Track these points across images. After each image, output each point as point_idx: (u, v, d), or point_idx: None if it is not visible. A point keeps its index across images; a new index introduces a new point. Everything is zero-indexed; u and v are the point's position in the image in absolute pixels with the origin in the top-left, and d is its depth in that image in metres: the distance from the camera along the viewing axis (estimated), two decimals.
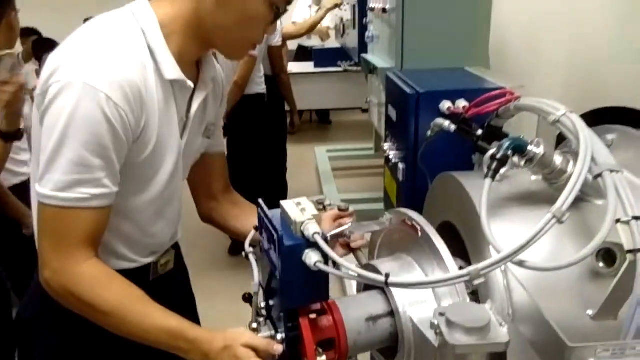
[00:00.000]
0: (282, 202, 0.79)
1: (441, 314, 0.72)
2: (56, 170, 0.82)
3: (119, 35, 0.87)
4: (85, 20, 1.04)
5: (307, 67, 5.44)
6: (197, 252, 2.99)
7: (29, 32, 5.35)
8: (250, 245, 0.91)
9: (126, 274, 0.92)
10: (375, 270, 0.86)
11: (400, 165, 1.24)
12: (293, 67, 5.19)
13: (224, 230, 1.17)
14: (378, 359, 0.92)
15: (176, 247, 1.14)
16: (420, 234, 0.85)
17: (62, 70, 0.82)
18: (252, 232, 0.92)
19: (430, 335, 0.73)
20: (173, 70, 0.90)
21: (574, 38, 1.72)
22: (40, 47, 4.55)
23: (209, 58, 1.03)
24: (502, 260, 0.64)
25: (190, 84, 0.93)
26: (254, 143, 3.05)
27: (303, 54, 5.94)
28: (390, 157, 1.31)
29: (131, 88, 0.84)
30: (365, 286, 0.91)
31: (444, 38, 1.84)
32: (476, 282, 0.65)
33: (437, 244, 0.82)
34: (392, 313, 0.82)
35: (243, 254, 0.91)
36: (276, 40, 3.05)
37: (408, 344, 0.80)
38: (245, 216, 1.09)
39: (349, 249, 1.01)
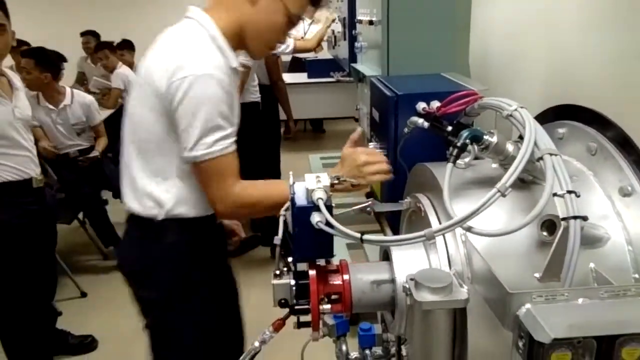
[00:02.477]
0: (306, 175, 0.97)
1: (411, 279, 0.85)
2: (205, 136, 1.15)
3: (202, 39, 1.20)
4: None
5: (301, 77, 5.59)
6: None
7: (19, 44, 5.44)
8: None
9: (206, 219, 1.31)
10: None
11: None
12: (287, 77, 5.33)
13: None
14: (387, 318, 1.07)
15: None
16: (423, 214, 0.99)
17: (184, 69, 1.14)
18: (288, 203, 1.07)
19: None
20: (236, 61, 1.24)
21: (550, 47, 1.86)
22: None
23: None
24: (453, 225, 0.77)
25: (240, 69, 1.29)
26: (249, 149, 3.19)
27: (297, 65, 6.10)
28: None
29: (227, 73, 1.18)
30: (383, 257, 1.06)
31: (426, 47, 1.98)
32: (430, 241, 0.78)
33: (431, 220, 0.96)
34: (394, 280, 0.95)
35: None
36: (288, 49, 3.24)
37: (401, 306, 0.93)
38: None
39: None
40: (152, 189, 1.27)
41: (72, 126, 3.50)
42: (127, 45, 5.53)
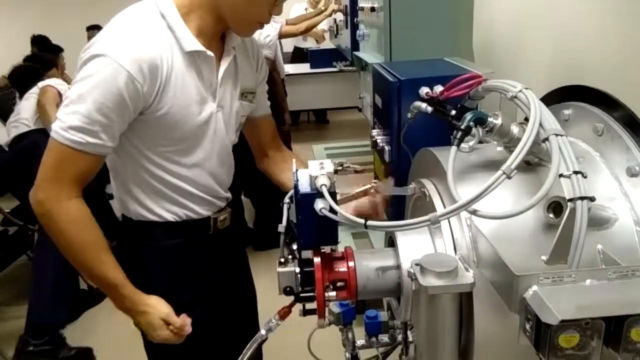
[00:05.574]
0: (310, 161, 0.94)
1: (417, 264, 0.84)
2: (68, 115, 1.03)
3: (142, 20, 1.07)
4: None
5: (304, 68, 5.57)
6: None
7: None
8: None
9: (191, 224, 1.20)
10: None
11: (387, 148, 1.36)
12: (290, 68, 5.30)
13: (276, 182, 1.35)
14: (393, 304, 1.06)
15: (232, 206, 1.35)
16: (427, 199, 0.98)
17: (97, 44, 1.04)
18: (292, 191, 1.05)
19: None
20: (191, 43, 1.08)
21: (555, 28, 1.83)
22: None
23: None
24: (458, 209, 0.76)
25: (210, 53, 1.11)
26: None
27: (299, 55, 6.07)
28: (378, 141, 1.42)
29: (149, 65, 1.04)
30: (389, 244, 1.05)
31: (429, 33, 1.97)
32: (435, 226, 0.77)
33: (436, 205, 0.95)
34: (399, 266, 0.94)
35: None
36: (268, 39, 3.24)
37: (406, 292, 0.93)
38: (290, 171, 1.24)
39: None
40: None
41: None
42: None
